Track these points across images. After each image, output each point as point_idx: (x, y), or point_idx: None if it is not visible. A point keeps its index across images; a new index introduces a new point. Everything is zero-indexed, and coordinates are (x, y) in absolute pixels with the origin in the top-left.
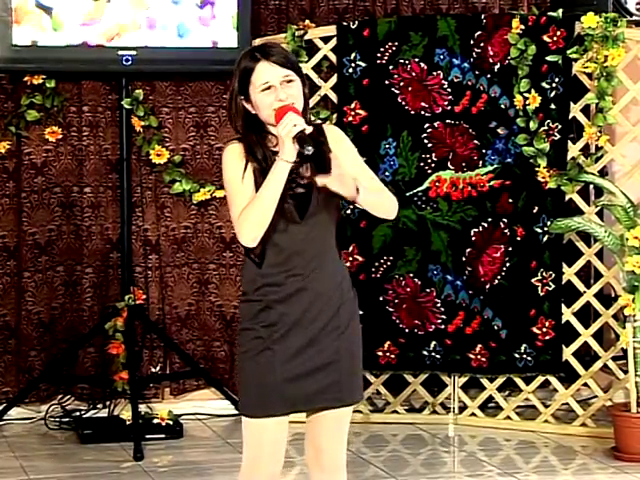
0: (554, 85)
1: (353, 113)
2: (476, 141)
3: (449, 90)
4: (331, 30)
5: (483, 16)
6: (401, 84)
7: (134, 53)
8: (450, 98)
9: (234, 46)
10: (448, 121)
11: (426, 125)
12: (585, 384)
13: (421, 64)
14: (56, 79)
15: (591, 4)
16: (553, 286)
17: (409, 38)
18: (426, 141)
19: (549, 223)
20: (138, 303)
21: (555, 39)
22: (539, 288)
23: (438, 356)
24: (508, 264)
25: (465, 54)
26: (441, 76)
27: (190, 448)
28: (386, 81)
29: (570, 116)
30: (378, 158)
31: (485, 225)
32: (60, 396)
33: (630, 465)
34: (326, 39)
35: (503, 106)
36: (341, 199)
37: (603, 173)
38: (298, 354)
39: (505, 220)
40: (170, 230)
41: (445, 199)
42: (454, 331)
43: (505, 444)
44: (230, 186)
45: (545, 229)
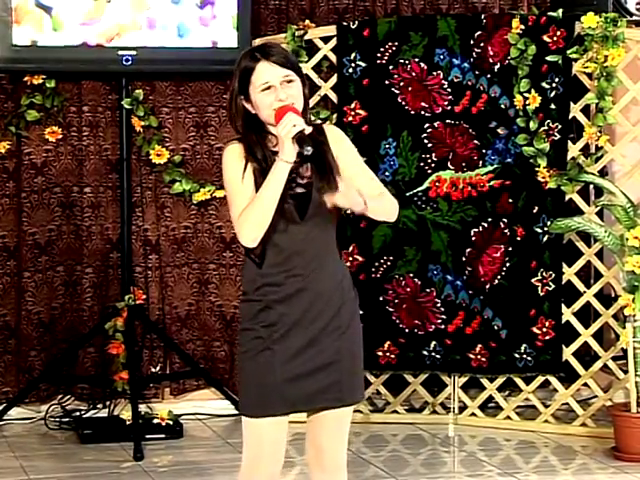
0: (554, 85)
1: (353, 113)
2: (476, 141)
3: (449, 90)
4: (331, 30)
5: (483, 16)
6: (401, 84)
7: (134, 53)
8: (450, 98)
9: (234, 46)
10: (448, 121)
11: (426, 125)
12: (585, 384)
13: (421, 64)
14: (56, 79)
15: (591, 4)
16: (553, 286)
17: (409, 38)
18: (426, 141)
19: (549, 223)
20: (138, 303)
21: (555, 39)
22: (539, 288)
23: (438, 356)
24: (508, 264)
25: (465, 54)
26: (441, 76)
27: (190, 448)
28: (386, 81)
29: (570, 116)
30: (378, 158)
31: (485, 225)
32: (60, 396)
33: (630, 465)
34: (326, 39)
35: (503, 106)
36: None
37: (603, 173)
38: (298, 354)
39: (505, 220)
40: (170, 230)
41: (445, 199)
42: (454, 331)
43: (505, 444)
44: (230, 186)
45: (545, 229)
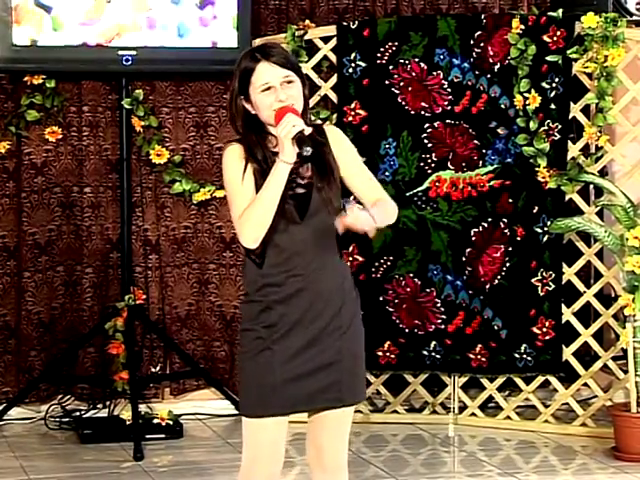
0: (554, 85)
1: (353, 113)
2: (476, 141)
3: (449, 90)
4: (331, 30)
5: (483, 16)
6: (401, 84)
7: (134, 53)
8: (450, 98)
9: (234, 46)
10: (448, 121)
11: (426, 125)
12: (585, 384)
13: (421, 64)
14: (56, 79)
15: (591, 4)
16: (553, 286)
17: (409, 38)
18: (426, 141)
19: (549, 223)
20: (138, 303)
21: (555, 39)
22: (539, 288)
23: (438, 356)
24: (508, 264)
25: (465, 54)
26: (441, 76)
27: (190, 448)
28: (386, 81)
29: (570, 116)
30: (378, 158)
31: (485, 225)
32: (60, 396)
33: (630, 465)
34: (326, 39)
35: (503, 106)
36: (344, 197)
37: (603, 173)
38: (298, 354)
39: (505, 220)
40: (170, 230)
41: (445, 199)
42: (454, 331)
43: (505, 444)
44: (230, 187)
45: (545, 229)
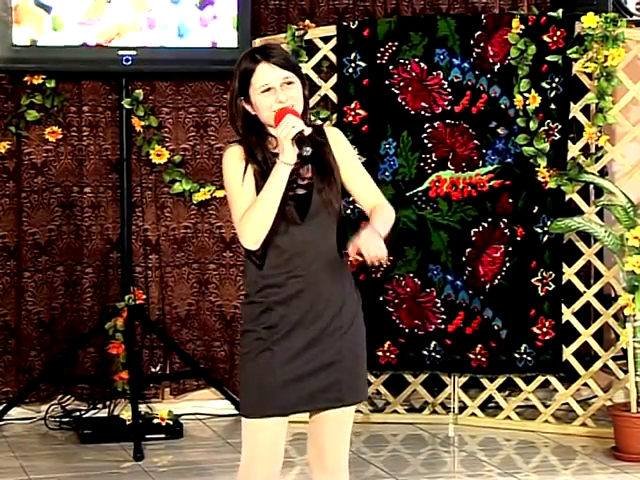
0: (554, 85)
1: (353, 113)
2: (476, 141)
3: (449, 90)
4: (331, 30)
5: (483, 16)
6: (401, 84)
7: (134, 53)
8: (450, 98)
9: (234, 46)
10: (448, 121)
11: (426, 125)
12: (585, 384)
13: (421, 64)
14: (56, 79)
15: (591, 4)
16: (553, 286)
17: (409, 38)
18: (426, 141)
19: (549, 223)
20: (138, 303)
21: (555, 39)
22: (539, 288)
23: (438, 356)
24: (508, 264)
25: (465, 54)
26: (441, 76)
27: (190, 448)
28: (386, 81)
29: (570, 116)
30: (378, 158)
31: (485, 225)
32: (60, 396)
33: (630, 465)
34: (326, 39)
35: (503, 106)
36: (343, 198)
37: (603, 173)
38: (299, 355)
39: (505, 220)
40: (170, 230)
41: (445, 199)
42: (454, 331)
43: (505, 444)
44: (231, 188)
45: (545, 229)
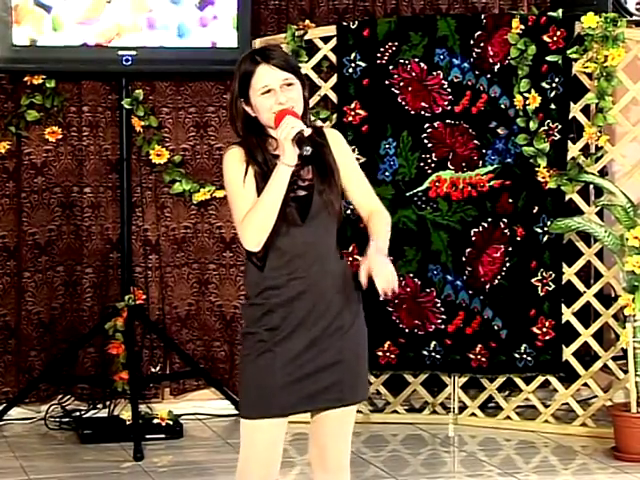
0: (554, 85)
1: (353, 113)
2: (476, 141)
3: (449, 90)
4: (331, 30)
5: (483, 16)
6: (401, 84)
7: (134, 53)
8: (450, 98)
9: (234, 46)
10: (448, 121)
11: (426, 125)
12: (585, 384)
13: (421, 64)
14: (56, 79)
15: (591, 4)
16: (553, 286)
17: (409, 38)
18: (426, 141)
19: (549, 223)
20: (138, 303)
21: (555, 39)
22: (539, 288)
23: (438, 356)
24: (508, 264)
25: (465, 54)
26: (441, 76)
27: (190, 448)
28: (386, 81)
29: (570, 116)
30: (378, 158)
31: (485, 225)
32: (60, 396)
33: (630, 465)
34: (326, 39)
35: (503, 106)
36: (342, 198)
37: (603, 173)
38: (299, 356)
39: (505, 220)
40: (170, 230)
41: (445, 199)
42: (454, 331)
43: (505, 444)
44: (232, 190)
45: (545, 229)
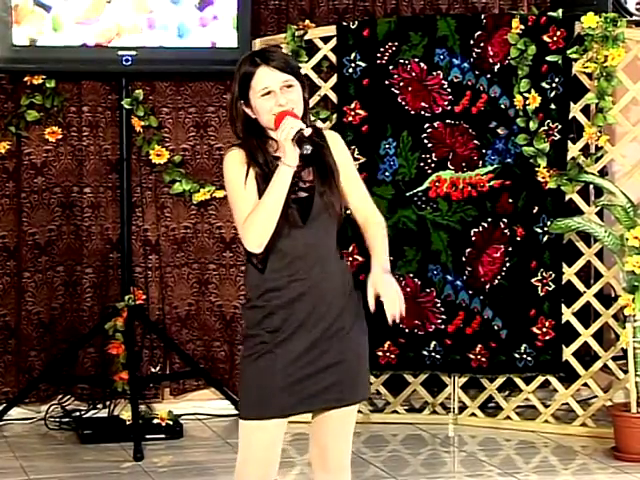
0: (554, 85)
1: (353, 113)
2: (476, 141)
3: (449, 90)
4: (331, 30)
5: (483, 16)
6: (401, 84)
7: (134, 53)
8: (450, 98)
9: (234, 46)
10: (448, 121)
11: (426, 125)
12: (585, 384)
13: (421, 64)
14: (56, 79)
15: (591, 4)
16: (553, 286)
17: (409, 38)
18: (426, 141)
19: (549, 223)
20: (138, 303)
21: (555, 39)
22: (539, 288)
23: (438, 356)
24: (508, 264)
25: (465, 54)
26: (441, 76)
27: (190, 448)
28: (386, 81)
29: (570, 116)
30: (378, 158)
31: (485, 225)
32: (60, 396)
33: (630, 465)
34: (326, 39)
35: (503, 106)
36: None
37: (603, 173)
38: (300, 357)
39: (505, 220)
40: (170, 230)
41: (445, 199)
42: (454, 331)
43: (505, 444)
44: (233, 192)
45: (545, 229)
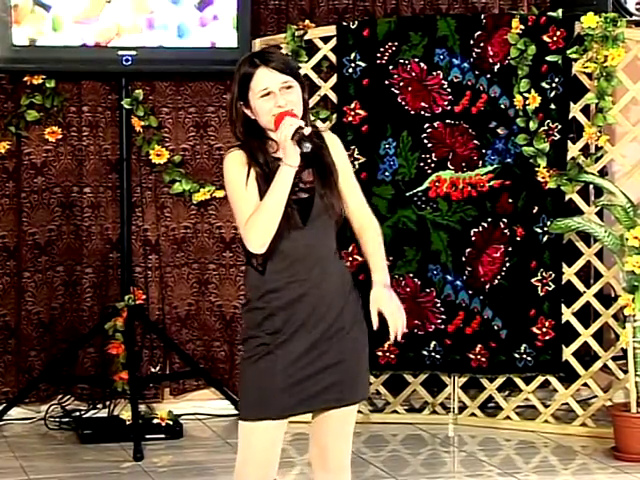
0: (554, 85)
1: (353, 113)
2: (476, 141)
3: (449, 90)
4: (331, 30)
5: (483, 16)
6: (401, 84)
7: (134, 53)
8: (450, 98)
9: (234, 46)
10: (448, 121)
11: (426, 125)
12: (585, 384)
13: (421, 64)
14: (56, 79)
15: (591, 4)
16: (553, 286)
17: (409, 38)
18: (426, 141)
19: (549, 223)
20: (138, 303)
21: (555, 39)
22: (539, 288)
23: (438, 356)
24: (508, 264)
25: (465, 54)
26: (441, 76)
27: (190, 448)
28: (386, 81)
29: (570, 116)
30: (378, 158)
31: (485, 225)
32: (60, 396)
33: (630, 465)
34: (326, 39)
35: (503, 106)
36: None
37: (603, 173)
38: (300, 358)
39: (505, 220)
40: (170, 230)
41: (445, 199)
42: (454, 331)
43: (505, 444)
44: (234, 193)
45: (545, 229)
